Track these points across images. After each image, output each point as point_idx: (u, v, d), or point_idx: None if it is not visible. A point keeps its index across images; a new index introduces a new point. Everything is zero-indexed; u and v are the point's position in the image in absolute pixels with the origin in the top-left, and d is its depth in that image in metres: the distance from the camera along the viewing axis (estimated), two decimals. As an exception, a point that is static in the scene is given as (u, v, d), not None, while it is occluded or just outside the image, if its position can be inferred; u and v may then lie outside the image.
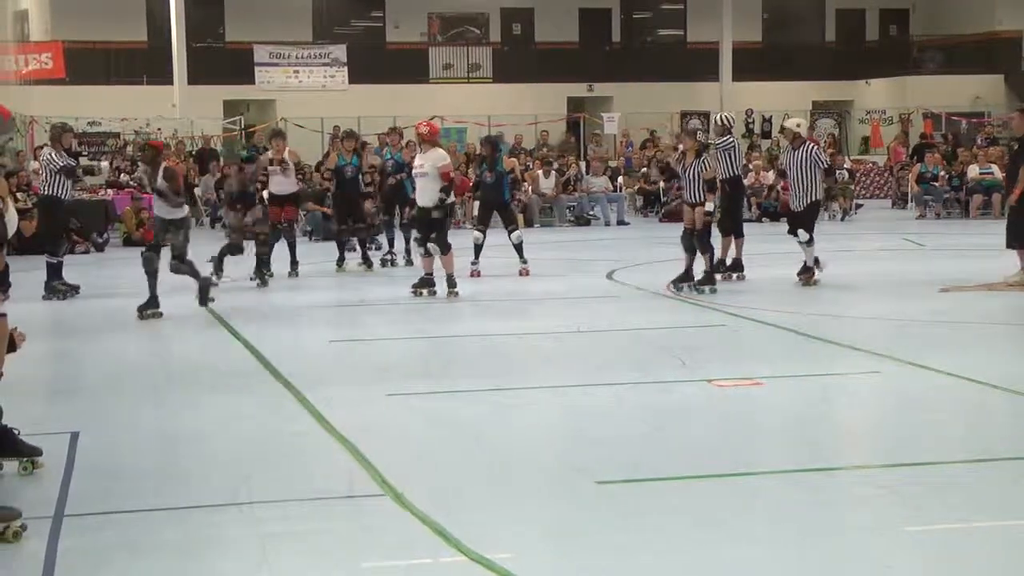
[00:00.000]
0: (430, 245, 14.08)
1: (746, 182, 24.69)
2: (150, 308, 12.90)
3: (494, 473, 7.02)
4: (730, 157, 15.22)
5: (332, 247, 17.80)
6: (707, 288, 14.07)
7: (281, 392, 9.21)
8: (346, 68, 35.38)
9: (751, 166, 25.57)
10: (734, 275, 15.32)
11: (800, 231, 14.33)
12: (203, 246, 21.87)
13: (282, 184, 16.55)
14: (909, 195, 27.93)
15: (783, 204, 25.54)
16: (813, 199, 14.50)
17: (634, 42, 39.61)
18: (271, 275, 16.03)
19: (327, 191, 19.66)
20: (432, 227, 14.08)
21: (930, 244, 20.19)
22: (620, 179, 28.00)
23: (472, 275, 15.98)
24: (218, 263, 15.69)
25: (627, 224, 25.67)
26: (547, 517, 6.20)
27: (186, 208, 13.14)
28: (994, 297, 13.63)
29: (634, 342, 11.41)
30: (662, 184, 27.35)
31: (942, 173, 26.43)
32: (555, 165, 27.05)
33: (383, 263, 17.57)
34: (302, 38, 35.83)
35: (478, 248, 16.15)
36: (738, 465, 7.07)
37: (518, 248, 16.15)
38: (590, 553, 5.67)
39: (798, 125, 14.69)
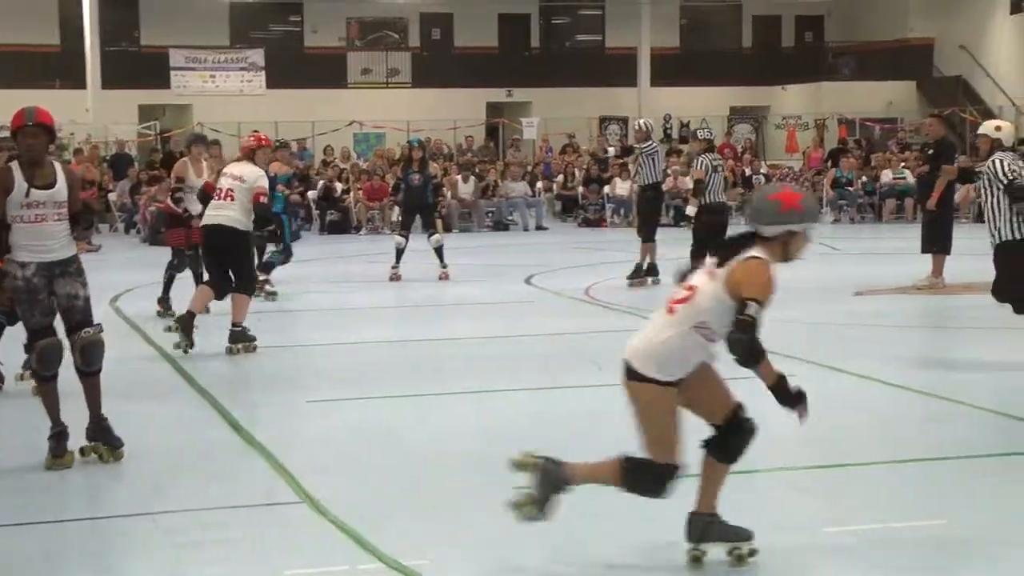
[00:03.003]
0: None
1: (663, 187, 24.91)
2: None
3: (413, 480, 6.99)
4: (653, 163, 15.31)
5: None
6: None
7: (198, 400, 9.10)
8: (264, 73, 35.13)
9: (669, 171, 25.71)
10: (649, 279, 15.39)
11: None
12: (125, 252, 21.62)
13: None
14: (824, 199, 28.24)
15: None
16: (1003, 238, 9.94)
17: (553, 47, 39.71)
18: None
19: None
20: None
21: (845, 248, 20.43)
22: (539, 184, 28.05)
23: (392, 279, 15.93)
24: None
25: (546, 229, 25.72)
26: (465, 524, 6.18)
27: None
28: (907, 300, 13.82)
29: (552, 347, 11.42)
30: (581, 189, 27.44)
31: (861, 178, 26.77)
32: (475, 170, 27.05)
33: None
34: (219, 42, 35.50)
35: (400, 252, 16.11)
36: (657, 469, 7.08)
37: (438, 252, 16.13)
38: (507, 559, 5.66)
39: (997, 128, 10.38)
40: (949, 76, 36.26)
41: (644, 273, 15.36)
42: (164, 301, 13.22)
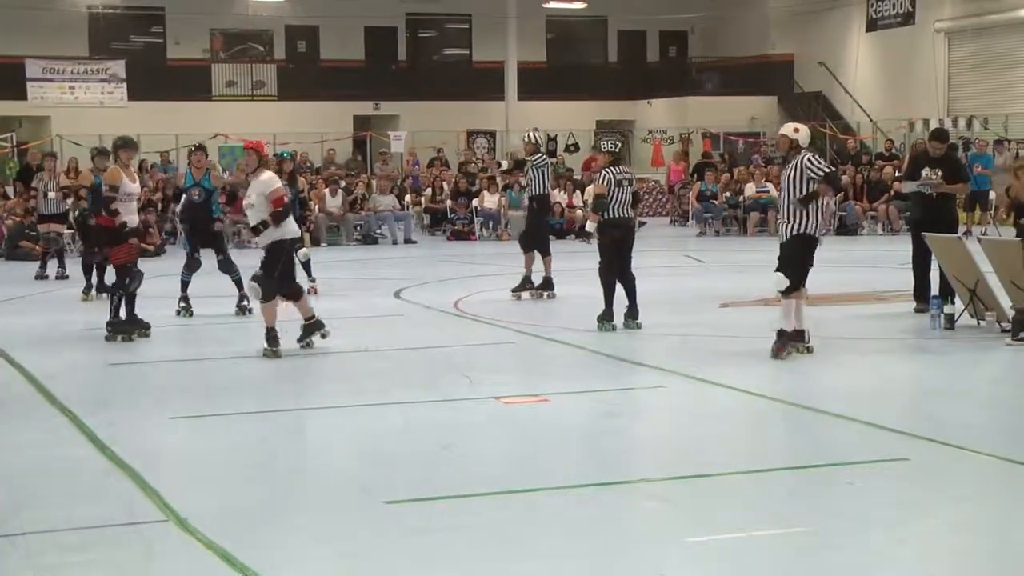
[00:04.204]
0: (249, 284, 11.77)
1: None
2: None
3: (281, 495, 6.92)
4: (542, 175, 15.36)
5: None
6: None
7: (58, 417, 8.89)
8: (125, 84, 34.47)
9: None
10: (544, 293, 15.41)
11: (777, 275, 11.06)
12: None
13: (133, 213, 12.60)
14: (690, 212, 28.64)
15: (569, 221, 25.91)
16: (800, 230, 10.96)
17: (420, 61, 39.68)
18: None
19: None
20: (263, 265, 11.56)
21: (710, 261, 20.74)
22: (407, 197, 28.01)
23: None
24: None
25: (415, 243, 25.67)
26: (335, 538, 6.12)
27: None
28: (771, 311, 14.02)
29: (422, 360, 11.39)
30: (450, 203, 27.44)
31: (725, 192, 27.15)
32: (342, 184, 26.90)
33: (179, 312, 14.17)
34: (78, 53, 34.76)
35: None
36: (526, 481, 7.12)
37: (306, 266, 15.98)
38: (379, 574, 5.62)
39: (796, 131, 11.09)
40: (809, 92, 37.06)
41: (537, 287, 15.35)
42: (120, 323, 12.29)
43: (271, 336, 11.38)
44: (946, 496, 6.76)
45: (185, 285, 14.25)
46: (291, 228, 11.60)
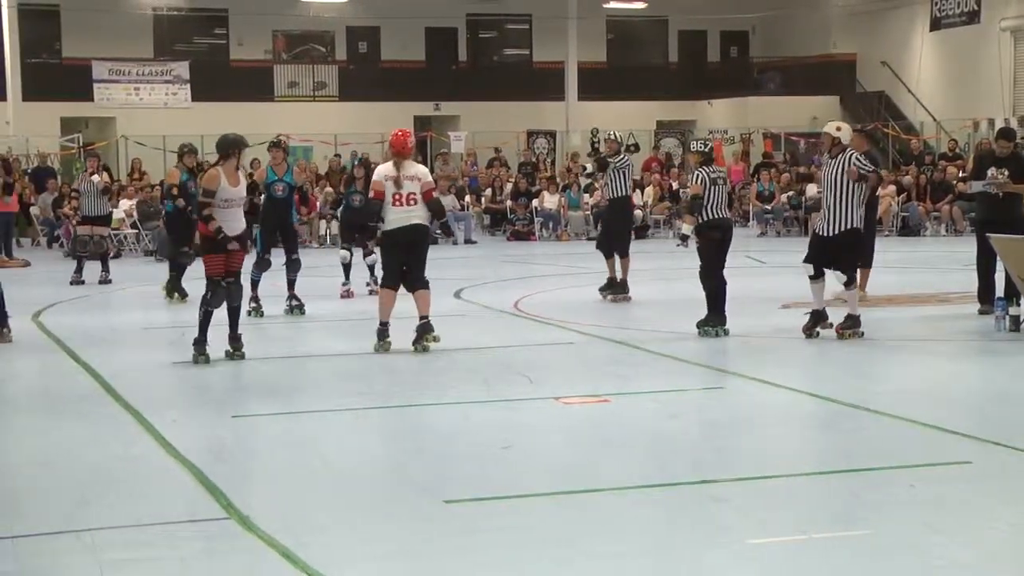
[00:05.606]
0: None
1: (593, 200, 25.03)
2: None
3: (341, 494, 6.96)
4: (624, 176, 15.30)
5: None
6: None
7: (122, 415, 9.00)
8: (189, 85, 34.82)
9: (597, 185, 25.80)
10: (611, 296, 15.32)
11: (837, 274, 12.05)
12: (47, 267, 21.33)
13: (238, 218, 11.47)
14: (750, 213, 28.50)
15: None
16: (851, 225, 11.82)
17: (480, 61, 39.77)
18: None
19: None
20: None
21: (771, 261, 20.62)
22: (467, 198, 28.08)
23: (344, 296, 15.78)
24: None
25: (475, 243, 25.72)
26: (395, 537, 6.16)
27: None
28: (831, 313, 13.95)
29: (482, 360, 11.41)
30: (510, 203, 27.48)
31: (787, 192, 26.98)
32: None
33: (250, 312, 13.75)
34: (143, 54, 35.15)
35: (346, 267, 15.97)
36: (585, 481, 7.12)
37: (372, 268, 15.99)
38: (438, 573, 5.65)
39: (838, 129, 11.97)
40: (871, 91, 36.76)
41: (613, 289, 15.23)
42: (201, 343, 11.23)
43: (380, 331, 11.63)
44: (1010, 500, 6.69)
45: (255, 284, 14.18)
46: (388, 220, 11.51)
